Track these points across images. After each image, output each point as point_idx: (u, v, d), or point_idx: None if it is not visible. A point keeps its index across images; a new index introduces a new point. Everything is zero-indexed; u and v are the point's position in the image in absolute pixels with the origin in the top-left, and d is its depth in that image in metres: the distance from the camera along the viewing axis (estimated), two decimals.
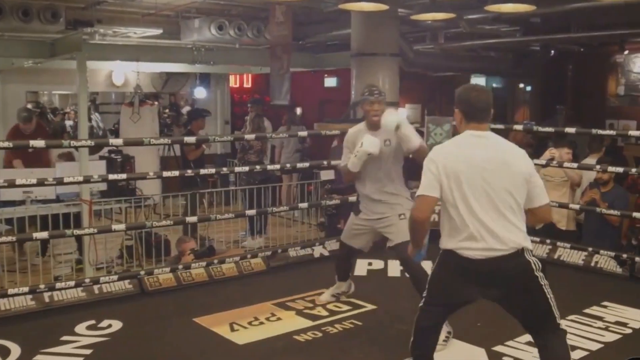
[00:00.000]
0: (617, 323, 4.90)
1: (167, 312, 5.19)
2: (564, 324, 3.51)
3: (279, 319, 4.99)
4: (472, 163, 3.38)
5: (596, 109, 12.39)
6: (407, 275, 4.67)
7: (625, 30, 9.33)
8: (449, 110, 4.06)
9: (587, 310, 5.12)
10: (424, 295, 3.67)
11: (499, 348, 4.38)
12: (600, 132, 6.67)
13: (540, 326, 3.49)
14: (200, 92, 14.25)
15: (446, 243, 3.48)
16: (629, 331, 4.76)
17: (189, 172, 6.49)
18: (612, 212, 6.41)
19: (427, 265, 4.22)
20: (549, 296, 3.43)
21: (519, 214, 3.42)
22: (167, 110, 13.83)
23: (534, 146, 8.83)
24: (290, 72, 8.55)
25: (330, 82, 15.43)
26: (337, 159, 7.54)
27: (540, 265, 3.45)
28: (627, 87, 12.27)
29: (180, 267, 5.82)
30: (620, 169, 6.42)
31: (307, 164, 7.21)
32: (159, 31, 9.43)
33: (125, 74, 12.60)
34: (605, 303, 5.28)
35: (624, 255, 6.15)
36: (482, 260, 3.37)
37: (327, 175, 7.60)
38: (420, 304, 3.68)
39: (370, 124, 4.76)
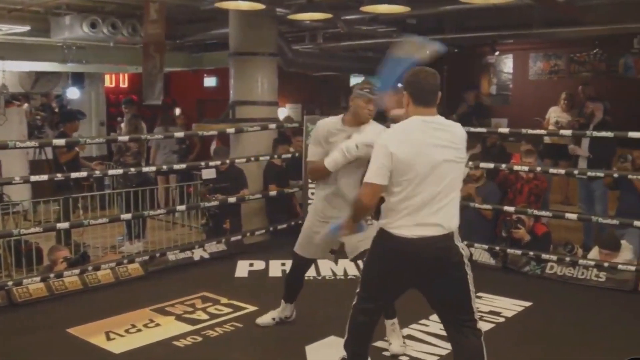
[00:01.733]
0: (491, 312, 5.10)
1: (38, 324, 4.95)
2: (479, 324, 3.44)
3: (157, 325, 4.86)
4: (421, 148, 3.32)
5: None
6: None
7: (496, 32, 9.71)
8: (329, 110, 4.04)
9: None
10: (358, 291, 3.58)
11: (379, 343, 4.39)
12: (472, 129, 6.88)
13: (458, 320, 3.44)
14: (73, 93, 13.67)
15: (384, 224, 3.42)
16: (501, 320, 4.96)
17: (59, 175, 6.18)
18: (485, 206, 6.65)
19: None
20: (472, 289, 3.41)
21: (457, 197, 3.43)
22: (38, 112, 13.21)
23: None
24: (163, 72, 8.34)
25: (209, 81, 15.24)
26: (222, 158, 7.50)
27: (469, 253, 3.47)
28: (499, 86, 12.82)
29: (51, 275, 5.54)
30: (490, 165, 6.67)
31: (184, 165, 7.06)
32: (26, 28, 8.97)
33: None
34: (480, 294, 5.45)
35: (497, 248, 6.40)
36: (415, 239, 3.32)
37: (208, 174, 7.43)
38: (354, 302, 3.58)
39: (355, 121, 4.26)
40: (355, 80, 14.60)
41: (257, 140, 7.96)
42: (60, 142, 6.20)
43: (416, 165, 3.31)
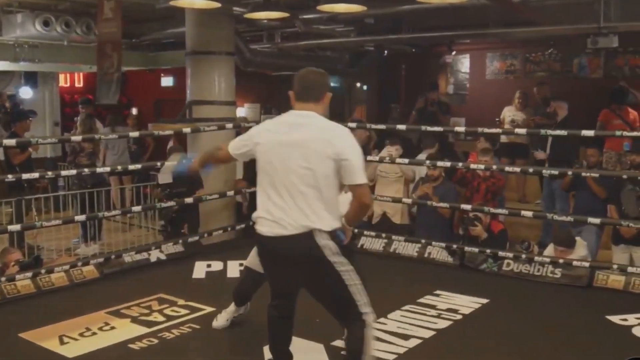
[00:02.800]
0: (449, 310, 5.13)
1: None
2: (371, 315, 3.44)
3: (113, 327, 4.78)
4: (281, 141, 3.39)
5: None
6: None
7: (453, 32, 9.79)
8: (287, 109, 4.00)
9: (421, 300, 5.31)
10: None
11: (337, 342, 4.40)
12: (429, 128, 6.93)
13: (341, 314, 3.49)
14: (26, 92, 13.38)
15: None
16: (459, 317, 4.99)
17: (10, 176, 6.03)
18: (442, 204, 6.69)
19: None
20: (348, 283, 3.37)
21: (322, 195, 3.35)
22: None
23: (375, 141, 9.07)
24: (120, 71, 8.22)
25: (166, 81, 15.06)
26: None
27: (338, 250, 3.37)
28: (456, 85, 12.93)
29: (3, 279, 5.40)
30: (447, 164, 6.71)
31: (139, 166, 6.96)
32: None
33: None
34: (437, 292, 5.50)
35: (455, 246, 6.45)
36: (270, 237, 3.38)
37: (164, 178, 7.31)
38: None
39: None
40: None
41: (214, 140, 7.87)
42: (11, 142, 6.06)
43: (273, 157, 3.41)
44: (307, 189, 3.33)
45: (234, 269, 6.20)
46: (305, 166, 3.32)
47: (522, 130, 6.95)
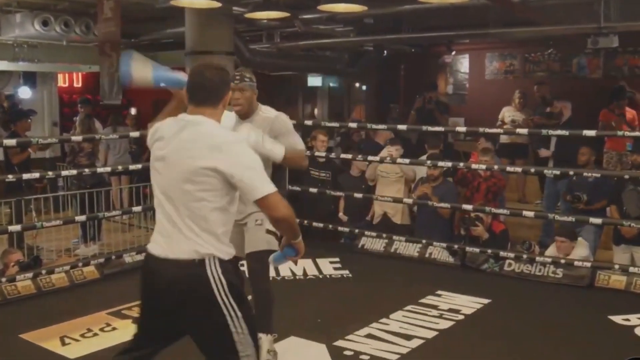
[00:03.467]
0: (450, 310, 5.12)
1: None
2: None
3: (114, 328, 4.76)
4: (166, 151, 2.83)
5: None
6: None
7: (452, 32, 9.79)
8: (287, 110, 3.99)
9: (422, 300, 5.30)
10: None
11: (339, 343, 4.42)
12: (430, 128, 6.93)
13: None
14: (25, 92, 13.35)
15: None
16: (461, 317, 4.99)
17: (10, 176, 6.02)
18: (442, 205, 6.68)
19: None
20: (234, 330, 2.75)
21: (208, 215, 2.75)
22: None
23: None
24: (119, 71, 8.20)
25: None
26: None
27: (227, 288, 2.74)
28: (455, 86, 12.94)
29: (3, 280, 5.38)
30: (448, 164, 6.71)
31: (139, 166, 6.93)
32: None
33: None
34: (439, 292, 5.50)
35: (455, 246, 6.44)
36: (155, 257, 2.82)
37: None
38: None
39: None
40: (312, 79, 14.61)
41: None
42: (12, 142, 6.04)
43: (158, 169, 2.86)
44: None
45: None
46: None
47: (524, 131, 6.94)
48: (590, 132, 5.83)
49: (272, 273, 5.98)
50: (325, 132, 7.64)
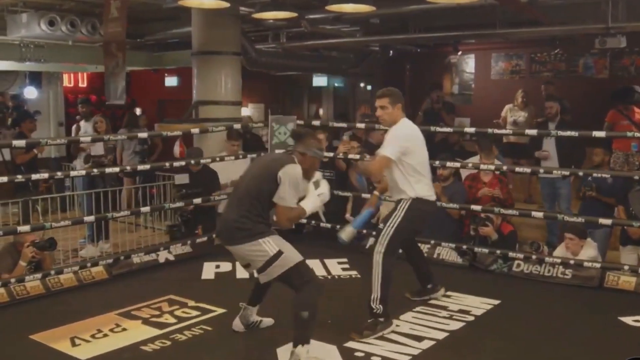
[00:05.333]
0: (460, 311, 5.10)
1: (0, 331, 4.78)
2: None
3: (124, 329, 4.75)
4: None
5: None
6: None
7: (458, 32, 9.78)
8: (293, 109, 4.01)
9: (432, 301, 5.28)
10: None
11: (350, 344, 4.41)
12: (438, 129, 6.91)
13: None
14: (30, 92, 13.37)
15: None
16: (471, 318, 4.96)
17: (19, 177, 6.01)
18: (451, 205, 6.66)
19: None
20: None
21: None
22: None
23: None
24: (125, 71, 8.20)
25: (171, 81, 15.06)
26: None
27: None
28: (461, 85, 12.94)
29: (12, 280, 5.38)
30: (457, 165, 6.69)
31: (147, 166, 6.93)
32: None
33: None
34: (448, 293, 5.47)
35: (464, 246, 6.42)
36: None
37: (181, 179, 7.22)
38: None
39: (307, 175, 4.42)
40: (318, 80, 14.59)
41: (220, 140, 7.87)
42: (21, 143, 6.04)
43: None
44: None
45: (242, 270, 6.14)
46: None
47: (533, 131, 6.90)
48: (600, 133, 5.83)
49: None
50: (324, 130, 7.65)
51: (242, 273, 6.09)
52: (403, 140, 4.78)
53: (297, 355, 3.99)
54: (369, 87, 14.41)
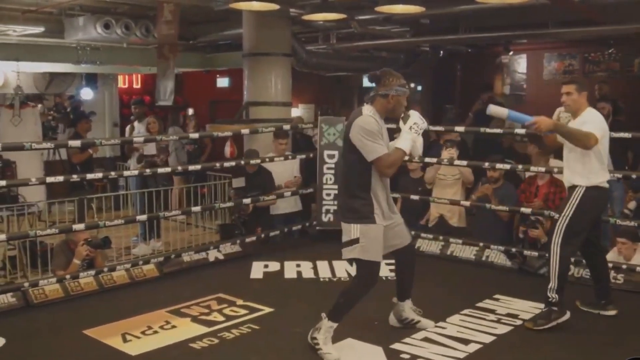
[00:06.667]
0: (508, 315, 5.05)
1: (55, 326, 4.95)
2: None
3: (173, 326, 4.84)
4: None
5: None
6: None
7: (509, 32, 9.66)
8: (343, 110, 4.05)
9: (479, 304, 5.25)
10: None
11: (396, 346, 4.41)
12: (488, 130, 6.85)
13: None
14: (86, 93, 13.69)
15: None
16: (519, 322, 4.91)
17: (74, 176, 6.18)
18: (500, 207, 6.59)
19: None
20: None
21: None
22: (52, 112, 13.26)
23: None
24: (175, 72, 8.36)
25: (222, 82, 15.23)
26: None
27: None
28: (513, 86, 12.76)
29: (67, 277, 5.53)
30: (507, 166, 6.62)
31: (198, 166, 7.03)
32: (40, 29, 8.99)
33: (4, 74, 11.91)
34: (497, 296, 5.43)
35: (513, 250, 6.35)
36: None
37: (238, 182, 7.32)
38: None
39: (388, 115, 4.39)
40: (368, 80, 14.55)
41: (271, 141, 7.93)
42: (76, 143, 6.20)
43: None
44: None
45: (291, 270, 6.24)
46: None
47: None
48: None
49: (324, 274, 6.05)
50: None
51: (290, 273, 6.18)
52: (600, 123, 4.82)
53: (321, 324, 4.28)
54: (419, 88, 14.33)
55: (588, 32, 9.12)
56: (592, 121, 4.79)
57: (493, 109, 4.97)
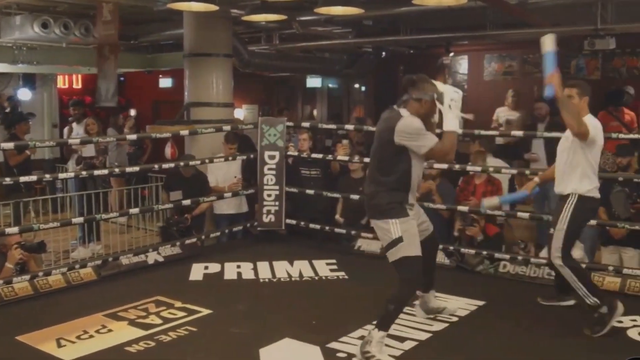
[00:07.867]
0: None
1: None
2: None
3: (110, 330, 4.77)
4: None
5: None
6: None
7: (450, 34, 9.81)
8: (286, 111, 4.04)
9: (416, 301, 5.26)
10: None
11: (333, 345, 4.42)
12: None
13: None
14: (24, 94, 13.39)
15: None
16: (455, 319, 4.97)
17: (7, 179, 6.04)
18: (439, 206, 6.68)
19: None
20: None
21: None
22: None
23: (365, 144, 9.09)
24: (116, 73, 8.24)
25: (165, 82, 15.10)
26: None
27: None
28: (454, 86, 12.89)
29: (0, 282, 5.40)
30: (444, 166, 6.70)
31: (137, 168, 6.96)
32: None
33: None
34: (435, 293, 5.47)
35: (451, 247, 6.44)
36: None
37: (175, 196, 7.24)
38: None
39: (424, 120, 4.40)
40: (312, 81, 14.62)
41: (212, 142, 7.90)
42: (9, 145, 6.07)
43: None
44: None
45: (231, 271, 6.21)
46: None
47: (519, 133, 6.94)
48: None
49: (268, 274, 6.05)
50: (307, 130, 7.75)
51: (230, 274, 6.16)
52: (597, 130, 4.86)
53: (371, 336, 4.19)
54: (363, 88, 14.44)
55: (525, 34, 9.31)
56: (590, 126, 4.85)
57: (487, 204, 5.35)
